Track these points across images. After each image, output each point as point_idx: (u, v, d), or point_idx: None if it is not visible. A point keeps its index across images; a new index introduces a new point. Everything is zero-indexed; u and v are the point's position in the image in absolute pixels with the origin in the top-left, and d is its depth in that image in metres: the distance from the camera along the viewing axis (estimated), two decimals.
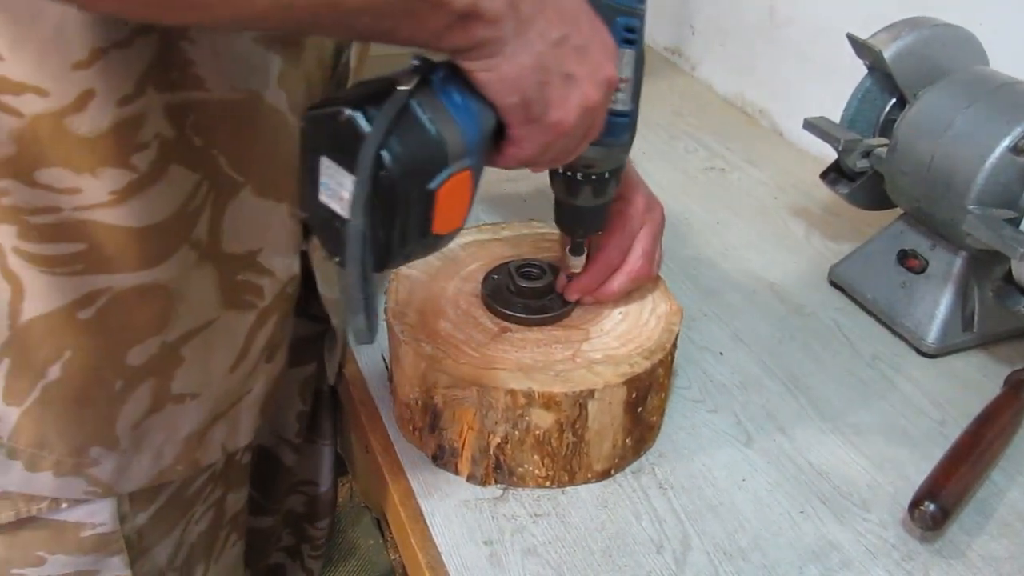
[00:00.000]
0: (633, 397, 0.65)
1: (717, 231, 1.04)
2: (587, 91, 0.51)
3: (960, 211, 0.77)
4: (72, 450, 0.59)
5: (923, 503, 0.63)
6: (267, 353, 0.68)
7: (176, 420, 0.63)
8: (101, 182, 0.51)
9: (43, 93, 0.48)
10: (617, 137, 0.59)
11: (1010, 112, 0.75)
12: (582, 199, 0.64)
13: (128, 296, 0.56)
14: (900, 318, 0.85)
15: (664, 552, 0.63)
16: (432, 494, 0.66)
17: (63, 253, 0.52)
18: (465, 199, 0.50)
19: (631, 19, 0.56)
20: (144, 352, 0.58)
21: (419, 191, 0.47)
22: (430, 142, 0.46)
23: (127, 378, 0.59)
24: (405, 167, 0.45)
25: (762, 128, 1.34)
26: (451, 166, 0.47)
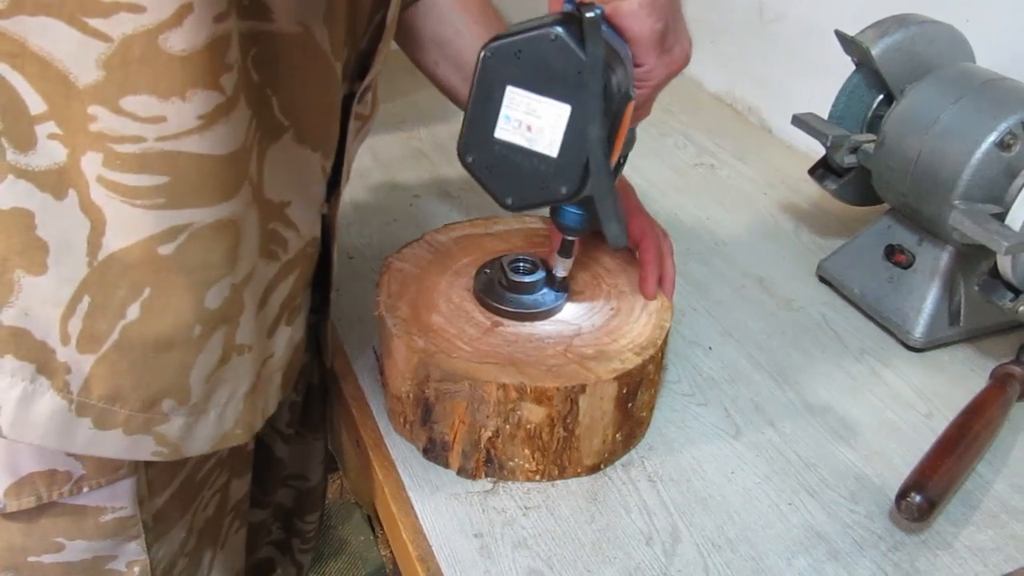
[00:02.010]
0: (624, 393, 0.65)
1: (707, 226, 1.04)
2: (685, 45, 0.58)
3: (946, 206, 0.77)
4: (145, 403, 0.57)
5: (910, 495, 0.63)
6: (287, 314, 0.66)
7: (237, 375, 0.62)
8: (191, 105, 0.50)
9: (139, 9, 0.46)
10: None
11: (996, 108, 0.76)
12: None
13: (207, 232, 0.54)
14: (887, 312, 0.86)
15: (654, 544, 0.63)
16: (423, 487, 0.67)
17: (147, 185, 0.51)
18: (623, 133, 0.55)
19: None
20: (219, 294, 0.57)
21: (616, 111, 0.51)
22: (623, 65, 0.51)
23: (204, 322, 0.57)
24: (616, 87, 0.50)
25: (751, 124, 1.35)
26: (630, 90, 0.52)
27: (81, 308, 0.53)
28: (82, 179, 0.51)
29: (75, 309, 0.53)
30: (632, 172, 1.15)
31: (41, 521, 0.61)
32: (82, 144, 0.50)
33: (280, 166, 0.59)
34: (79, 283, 0.53)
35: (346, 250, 0.94)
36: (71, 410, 0.55)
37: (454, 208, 1.03)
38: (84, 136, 0.49)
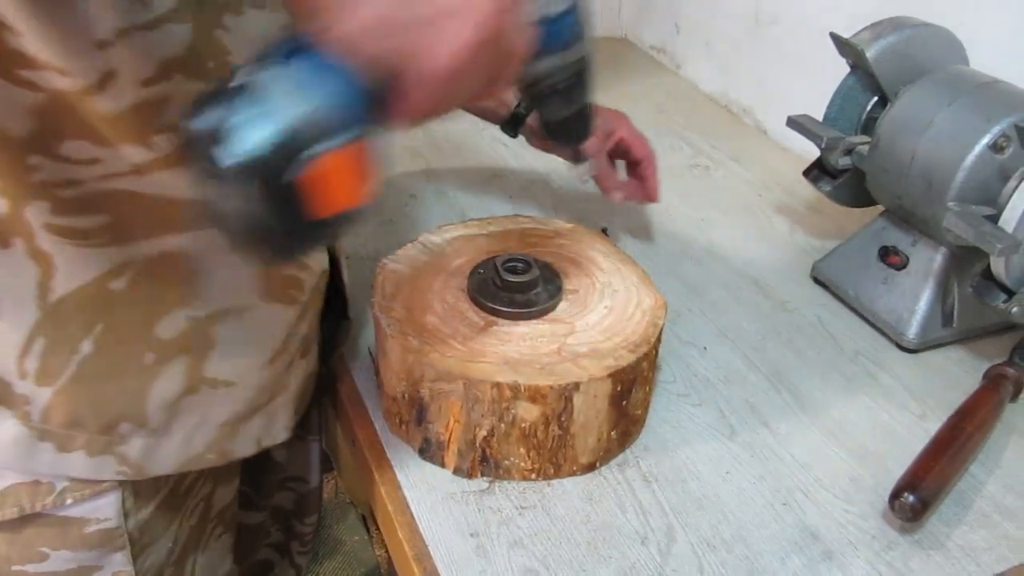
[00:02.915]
0: (618, 390, 0.66)
1: (702, 228, 1.05)
2: (460, 31, 0.43)
3: (940, 208, 0.78)
4: (103, 426, 0.59)
5: (903, 495, 0.64)
6: (303, 348, 0.68)
7: (210, 405, 0.63)
8: (124, 154, 0.51)
9: (65, 72, 0.47)
10: (563, 40, 0.54)
11: (989, 111, 0.76)
12: (555, 112, 0.61)
13: (156, 264, 0.56)
14: (881, 313, 0.86)
15: (649, 544, 0.63)
16: (418, 487, 0.67)
17: (91, 225, 0.53)
18: (347, 177, 0.43)
19: None
20: (173, 325, 0.58)
21: (275, 184, 0.41)
22: (274, 133, 0.41)
23: (158, 351, 0.59)
24: (246, 167, 0.40)
25: (746, 126, 1.35)
26: (306, 151, 0.41)
27: (36, 348, 0.55)
28: (26, 228, 0.52)
29: (30, 349, 0.56)
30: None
31: (25, 531, 0.61)
32: (24, 195, 0.51)
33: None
34: (31, 326, 0.55)
35: (342, 251, 0.94)
36: (32, 436, 0.57)
37: (449, 209, 1.04)
38: (26, 187, 0.51)
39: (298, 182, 0.41)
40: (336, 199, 0.43)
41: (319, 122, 0.41)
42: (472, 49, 0.44)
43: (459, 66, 0.44)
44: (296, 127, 0.41)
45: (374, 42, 0.42)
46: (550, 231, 0.81)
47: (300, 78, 0.41)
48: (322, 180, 0.42)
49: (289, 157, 0.41)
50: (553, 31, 0.53)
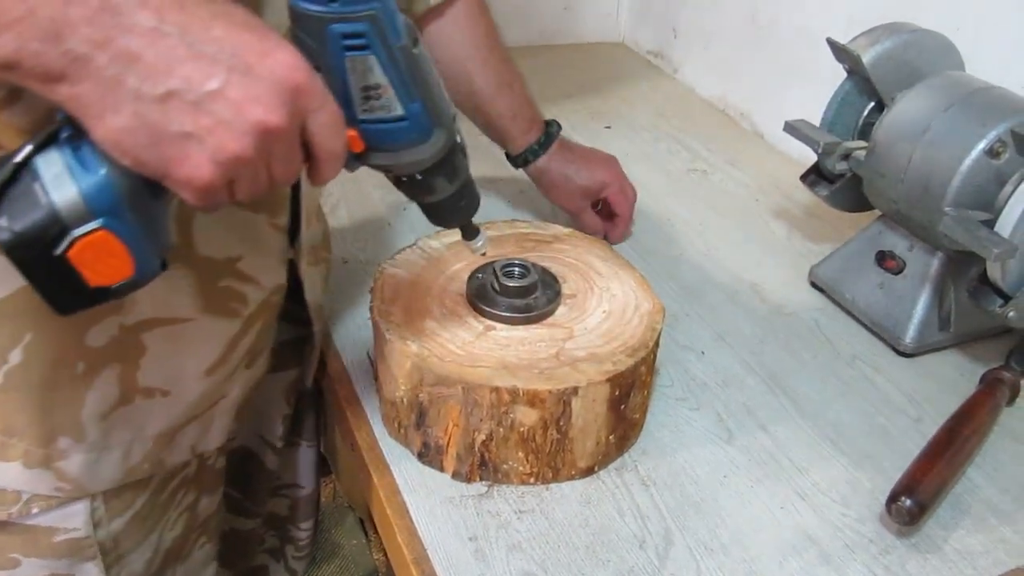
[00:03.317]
0: (616, 394, 0.66)
1: (699, 232, 1.05)
2: (220, 143, 0.42)
3: (937, 213, 0.78)
4: (40, 439, 0.59)
5: (900, 498, 0.64)
6: (247, 359, 0.68)
7: (146, 416, 0.63)
8: None
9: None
10: (397, 142, 0.54)
11: (985, 116, 0.77)
12: (418, 197, 0.60)
13: None
14: (878, 318, 0.87)
15: (647, 547, 0.63)
16: (417, 491, 0.67)
17: None
18: (116, 253, 0.46)
19: (349, 25, 0.48)
20: (104, 333, 0.58)
21: (46, 257, 0.44)
22: (42, 213, 0.43)
23: (89, 360, 0.59)
24: (17, 241, 0.43)
25: (744, 130, 1.36)
26: (72, 231, 0.44)
27: None
28: None
29: None
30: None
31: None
32: None
33: (214, 227, 0.59)
34: None
35: (341, 255, 0.94)
36: None
37: None
38: None
39: (68, 256, 0.45)
40: (108, 272, 0.46)
41: (85, 206, 0.44)
42: (236, 160, 0.43)
43: (220, 173, 0.44)
44: (62, 209, 0.44)
45: (131, 149, 0.42)
46: (548, 236, 0.81)
47: (80, 159, 0.44)
48: (88, 255, 0.45)
49: (58, 234, 0.44)
50: (382, 132, 0.53)
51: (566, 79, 1.48)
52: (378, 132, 0.52)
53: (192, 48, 0.41)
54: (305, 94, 0.44)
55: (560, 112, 1.35)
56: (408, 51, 0.51)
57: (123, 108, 0.41)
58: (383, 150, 0.54)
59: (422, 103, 0.53)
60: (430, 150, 0.56)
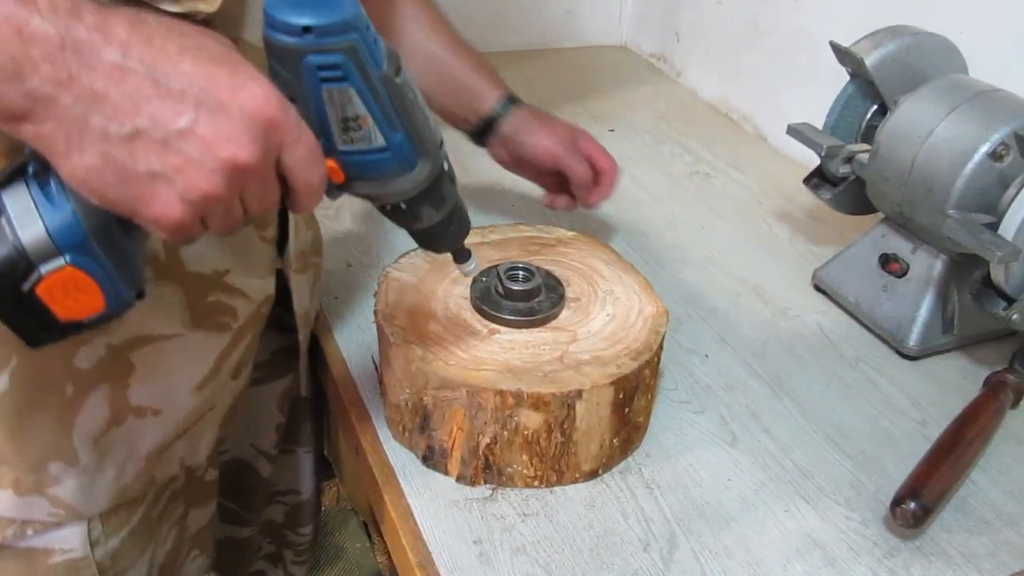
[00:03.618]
0: (620, 397, 0.66)
1: (702, 235, 1.05)
2: (191, 182, 0.42)
3: (940, 216, 0.78)
4: (31, 465, 0.58)
5: (905, 501, 0.64)
6: (235, 371, 0.68)
7: (138, 435, 0.62)
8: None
9: None
10: (379, 172, 0.53)
11: (988, 119, 0.77)
12: (405, 224, 0.59)
13: None
14: (882, 321, 0.87)
15: (651, 551, 0.63)
16: (422, 494, 0.67)
17: None
18: (85, 288, 0.45)
19: (324, 56, 0.47)
20: (92, 354, 0.57)
21: (15, 293, 0.44)
22: (8, 249, 0.43)
23: (77, 382, 0.57)
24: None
25: (746, 133, 1.36)
26: (39, 267, 0.44)
27: None
28: None
29: None
30: (628, 181, 1.16)
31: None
32: None
33: (202, 242, 0.57)
34: None
35: (344, 259, 0.94)
36: None
37: None
38: None
39: (36, 292, 0.44)
40: (77, 306, 0.46)
41: (52, 242, 0.43)
42: (206, 198, 0.43)
43: (190, 211, 0.43)
44: (28, 246, 0.43)
45: (98, 188, 0.41)
46: (552, 239, 0.82)
47: (48, 194, 0.43)
48: (59, 292, 0.45)
49: (25, 270, 0.44)
50: (364, 163, 0.52)
51: (568, 82, 1.48)
52: (359, 163, 0.51)
53: (159, 85, 0.40)
54: (279, 128, 0.43)
55: (562, 115, 1.35)
56: (390, 80, 0.49)
57: (89, 147, 0.40)
58: (365, 179, 0.53)
59: (404, 133, 0.52)
60: (414, 180, 0.54)
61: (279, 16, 0.46)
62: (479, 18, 1.54)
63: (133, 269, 0.47)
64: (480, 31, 1.56)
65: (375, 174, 0.53)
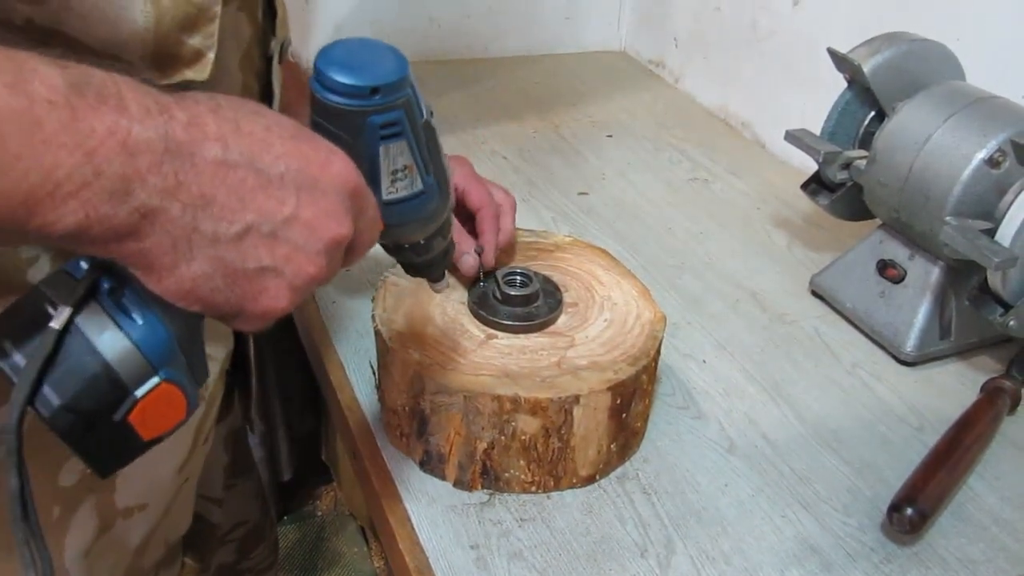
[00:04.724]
0: (618, 403, 0.66)
1: (700, 241, 1.05)
2: (299, 270, 0.41)
3: (937, 222, 0.78)
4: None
5: (902, 507, 0.64)
6: (205, 437, 0.67)
7: (126, 535, 0.60)
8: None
9: None
10: (415, 215, 0.53)
11: (985, 126, 0.77)
12: (410, 259, 0.60)
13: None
14: (879, 327, 0.87)
15: (648, 556, 0.63)
16: (419, 499, 0.67)
17: None
18: (175, 404, 0.43)
19: (387, 115, 0.48)
20: (74, 468, 0.54)
21: (103, 425, 0.40)
22: (97, 378, 0.39)
23: (63, 502, 0.55)
24: (69, 416, 0.39)
25: (745, 140, 1.36)
26: (134, 392, 0.40)
27: None
28: None
29: None
30: (627, 187, 1.16)
31: None
32: None
33: None
34: None
35: None
36: None
37: None
38: None
39: (126, 420, 0.41)
40: (164, 423, 0.43)
41: (144, 361, 0.40)
42: (311, 282, 0.42)
43: (296, 298, 0.42)
44: (124, 369, 0.40)
45: (205, 295, 0.39)
46: (550, 244, 0.82)
47: (127, 309, 0.40)
48: (149, 413, 0.41)
49: (120, 397, 0.40)
50: (402, 210, 0.52)
51: (567, 88, 1.48)
52: (398, 210, 0.51)
53: (261, 175, 0.38)
54: (360, 196, 0.43)
55: (561, 121, 1.36)
56: (428, 126, 0.51)
57: (198, 255, 0.38)
58: (400, 225, 0.53)
59: (434, 175, 0.53)
60: (439, 218, 0.55)
61: (341, 79, 0.45)
62: (478, 24, 1.54)
63: (202, 365, 0.45)
64: (479, 37, 1.57)
65: (410, 218, 0.53)
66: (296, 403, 1.29)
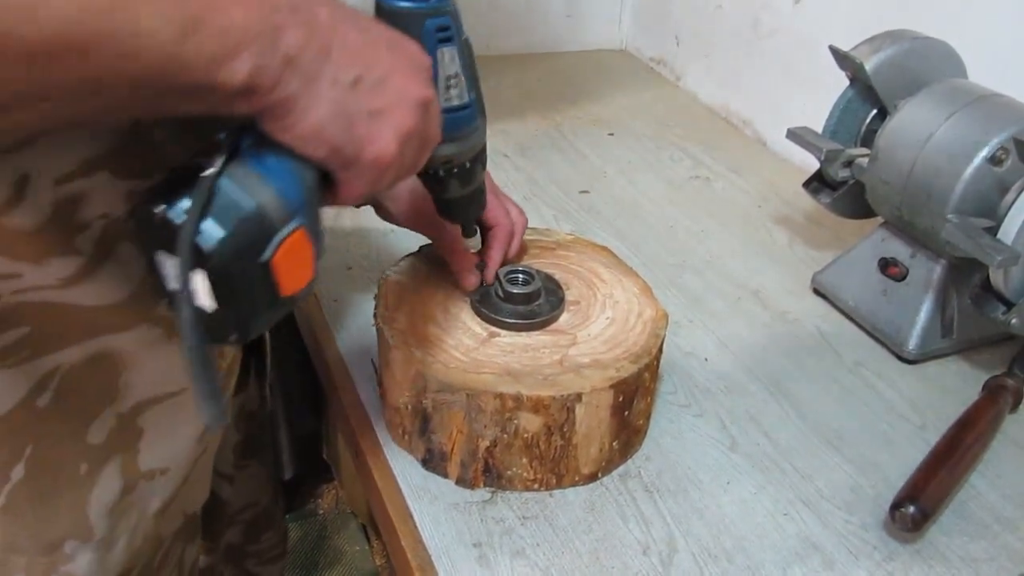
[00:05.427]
0: (620, 401, 0.66)
1: (702, 239, 1.05)
2: (400, 120, 0.47)
3: (939, 220, 0.78)
4: (45, 548, 0.56)
5: (904, 505, 0.64)
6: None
7: (147, 498, 0.61)
8: (46, 270, 0.49)
9: None
10: (463, 129, 0.59)
11: (987, 123, 0.77)
12: (452, 191, 0.63)
13: (80, 370, 0.53)
14: (881, 325, 0.87)
15: (650, 554, 0.63)
16: (422, 497, 0.67)
17: (10, 341, 0.50)
18: (306, 255, 0.48)
19: (440, 19, 0.54)
20: (102, 427, 0.56)
21: (253, 265, 0.45)
22: (249, 217, 0.44)
23: (91, 459, 0.56)
24: (229, 249, 0.43)
25: (746, 138, 1.36)
26: (279, 232, 0.45)
27: None
28: None
29: None
30: (627, 185, 1.16)
31: None
32: None
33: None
34: None
35: (345, 262, 0.94)
36: None
37: None
38: None
39: (271, 263, 0.45)
40: (298, 277, 0.47)
41: (284, 207, 0.45)
42: (409, 135, 0.48)
43: (400, 150, 0.48)
44: (268, 211, 0.45)
45: (331, 137, 0.45)
46: (551, 242, 0.82)
47: (266, 165, 0.45)
48: (289, 259, 0.46)
49: (266, 238, 0.45)
50: (454, 121, 0.57)
51: (568, 86, 1.48)
52: (451, 120, 0.56)
53: (362, 34, 0.45)
54: (429, 78, 0.50)
55: (563, 119, 1.36)
56: (468, 44, 0.57)
57: (324, 99, 0.44)
58: (451, 139, 0.58)
59: (476, 92, 0.58)
60: (480, 137, 0.61)
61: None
62: (479, 22, 1.54)
63: (322, 233, 0.49)
64: (480, 35, 1.56)
65: (458, 132, 0.58)
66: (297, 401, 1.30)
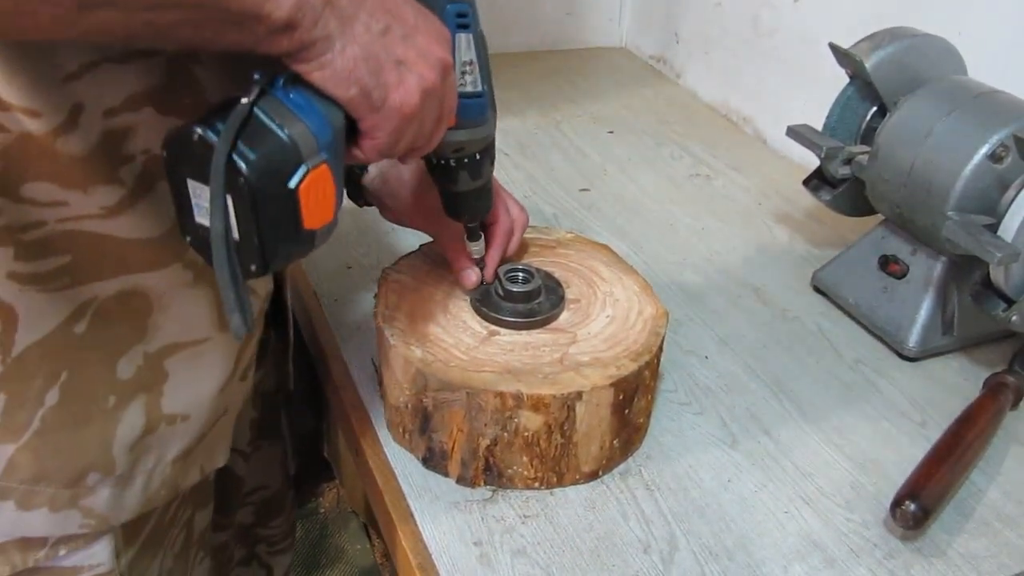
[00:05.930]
0: (620, 399, 0.66)
1: (702, 237, 1.05)
2: (423, 72, 0.51)
3: (940, 217, 0.78)
4: (70, 478, 0.57)
5: (905, 503, 0.64)
6: (243, 373, 0.68)
7: (167, 443, 0.62)
8: (92, 198, 0.51)
9: (34, 113, 0.48)
10: (475, 117, 0.61)
11: (988, 120, 0.77)
12: (461, 184, 0.65)
13: (114, 303, 0.55)
14: (881, 322, 0.87)
15: (651, 552, 0.63)
16: (422, 496, 0.67)
17: (53, 267, 0.52)
18: (329, 193, 0.50)
19: (460, 5, 0.57)
20: (131, 364, 0.58)
21: (280, 190, 0.48)
22: (280, 143, 0.47)
23: (119, 393, 0.58)
24: (260, 170, 0.46)
25: (746, 135, 1.36)
26: (306, 162, 0.48)
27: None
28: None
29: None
30: (628, 183, 1.16)
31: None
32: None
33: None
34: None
35: (345, 261, 0.94)
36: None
37: None
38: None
39: (298, 190, 0.48)
40: (320, 212, 0.50)
41: (313, 141, 0.48)
42: (431, 91, 0.51)
43: (422, 103, 0.51)
44: (299, 141, 0.48)
45: (360, 77, 0.48)
46: (552, 241, 0.82)
47: (297, 103, 0.48)
48: (314, 190, 0.49)
49: (294, 165, 0.48)
50: (467, 107, 0.59)
51: (568, 84, 1.48)
52: (465, 106, 0.59)
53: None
54: (450, 48, 0.53)
55: (563, 117, 1.36)
56: (482, 35, 0.59)
57: (357, 40, 0.48)
58: (463, 125, 0.60)
59: (489, 83, 0.61)
60: (490, 128, 0.63)
61: None
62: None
63: (342, 188, 0.52)
64: None
65: (471, 119, 0.60)
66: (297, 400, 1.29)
